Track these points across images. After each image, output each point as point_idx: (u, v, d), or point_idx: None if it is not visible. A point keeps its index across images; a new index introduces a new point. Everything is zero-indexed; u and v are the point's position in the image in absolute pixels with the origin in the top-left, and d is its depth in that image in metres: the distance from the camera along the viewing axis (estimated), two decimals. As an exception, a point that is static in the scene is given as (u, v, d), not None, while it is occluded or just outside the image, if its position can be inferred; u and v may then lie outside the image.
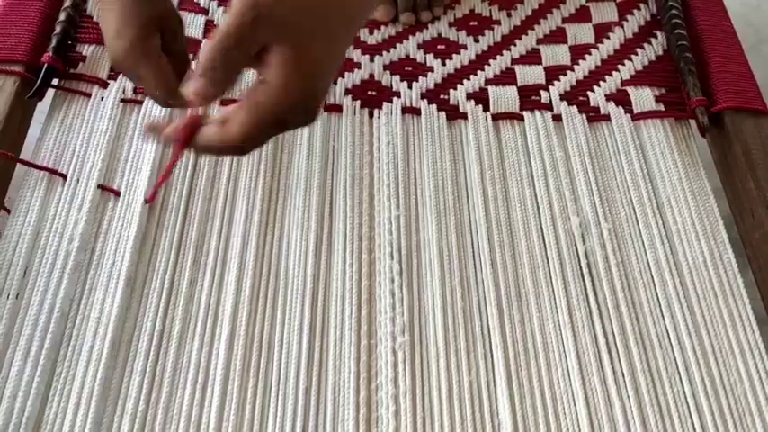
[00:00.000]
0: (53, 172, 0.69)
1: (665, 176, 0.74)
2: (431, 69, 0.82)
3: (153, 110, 0.75)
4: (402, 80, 0.81)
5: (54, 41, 0.76)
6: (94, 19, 0.81)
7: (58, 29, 0.78)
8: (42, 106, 0.76)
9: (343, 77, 0.80)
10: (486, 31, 0.86)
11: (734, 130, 0.75)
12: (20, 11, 0.78)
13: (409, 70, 0.82)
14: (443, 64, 0.83)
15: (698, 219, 0.71)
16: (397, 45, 0.84)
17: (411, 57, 0.84)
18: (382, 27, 0.86)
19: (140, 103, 0.75)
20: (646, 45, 0.85)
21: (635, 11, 0.88)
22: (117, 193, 0.68)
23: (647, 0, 0.89)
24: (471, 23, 0.87)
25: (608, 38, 0.86)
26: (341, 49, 0.46)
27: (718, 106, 0.77)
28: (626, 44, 0.85)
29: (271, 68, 0.41)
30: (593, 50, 0.85)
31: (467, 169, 0.74)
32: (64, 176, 0.69)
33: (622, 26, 0.87)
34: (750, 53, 0.83)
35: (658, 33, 0.86)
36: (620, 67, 0.83)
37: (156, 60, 0.55)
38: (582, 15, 0.89)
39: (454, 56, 0.84)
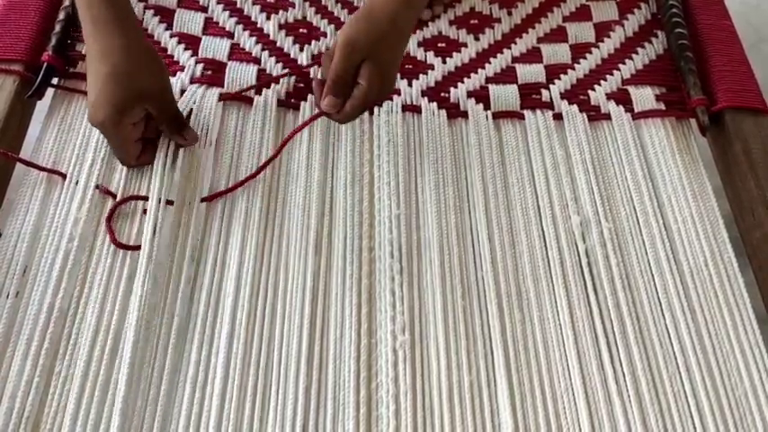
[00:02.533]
0: (53, 172, 0.69)
1: (665, 175, 0.74)
2: (431, 67, 0.82)
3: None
4: (402, 78, 0.80)
5: (54, 40, 0.76)
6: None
7: (57, 28, 0.77)
8: (42, 105, 0.76)
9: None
10: (487, 30, 0.86)
11: (734, 129, 0.75)
12: (19, 9, 0.78)
13: (409, 68, 0.82)
14: (444, 62, 0.83)
15: (698, 218, 0.71)
16: (398, 43, 0.84)
17: (411, 54, 0.83)
18: (382, 26, 0.86)
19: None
20: (646, 44, 0.85)
21: (635, 10, 0.88)
22: (114, 196, 0.68)
23: (647, -1, 0.89)
24: (472, 22, 0.87)
25: (608, 37, 0.86)
26: (400, 57, 0.70)
27: (719, 105, 0.77)
28: (626, 43, 0.85)
29: (362, 76, 0.66)
30: (593, 49, 0.84)
31: (467, 167, 0.74)
32: (63, 176, 0.69)
33: (623, 25, 0.87)
34: (750, 52, 0.83)
35: (659, 32, 0.86)
36: (620, 65, 0.83)
37: (123, 135, 0.66)
38: (582, 14, 0.88)
39: (455, 54, 0.84)
